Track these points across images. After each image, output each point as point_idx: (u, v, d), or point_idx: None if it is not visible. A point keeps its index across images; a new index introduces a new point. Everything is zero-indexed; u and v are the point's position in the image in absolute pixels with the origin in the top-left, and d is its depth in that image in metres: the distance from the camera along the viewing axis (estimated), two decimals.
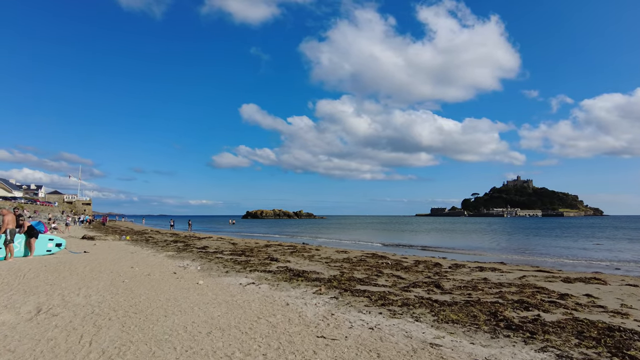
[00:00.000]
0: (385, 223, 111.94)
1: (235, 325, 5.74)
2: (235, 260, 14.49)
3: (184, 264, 13.50)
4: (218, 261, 14.30)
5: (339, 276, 11.03)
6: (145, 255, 16.08)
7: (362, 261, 15.70)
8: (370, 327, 5.93)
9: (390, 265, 14.61)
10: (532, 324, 6.22)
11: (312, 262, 15.13)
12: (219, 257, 15.86)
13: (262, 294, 8.37)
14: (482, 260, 19.10)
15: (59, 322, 5.60)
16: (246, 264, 13.43)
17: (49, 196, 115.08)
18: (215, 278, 10.41)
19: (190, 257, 15.82)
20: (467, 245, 31.51)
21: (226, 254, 17.41)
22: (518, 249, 28.03)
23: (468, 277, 11.98)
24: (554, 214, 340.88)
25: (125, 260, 14.01)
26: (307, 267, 13.18)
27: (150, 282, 9.51)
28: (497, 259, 20.80)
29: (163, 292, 8.19)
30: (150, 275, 10.53)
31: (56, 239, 15.48)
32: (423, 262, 16.14)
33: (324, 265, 13.89)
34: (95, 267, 11.96)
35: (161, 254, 16.72)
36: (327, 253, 19.23)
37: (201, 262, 14.10)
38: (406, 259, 17.85)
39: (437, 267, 14.46)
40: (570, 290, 9.75)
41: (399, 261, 16.16)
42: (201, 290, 8.52)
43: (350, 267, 13.65)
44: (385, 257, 17.60)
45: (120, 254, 16.56)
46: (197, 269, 12.11)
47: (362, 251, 21.70)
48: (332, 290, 8.88)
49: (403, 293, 8.86)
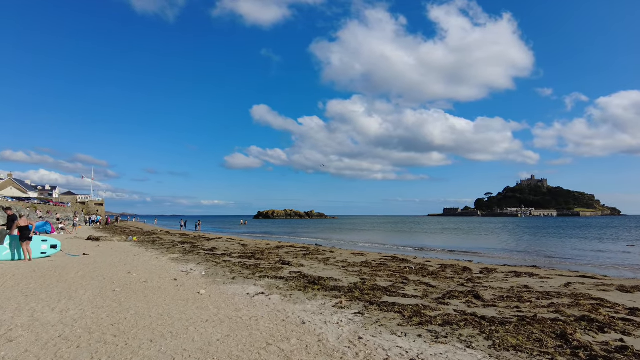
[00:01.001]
0: (398, 223, 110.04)
1: (238, 356, 4.45)
2: (243, 264, 13.24)
3: (187, 268, 12.29)
4: (225, 265, 13.06)
5: (360, 284, 9.68)
6: (148, 258, 14.94)
7: (382, 265, 14.33)
8: (412, 357, 4.58)
9: (415, 270, 13.21)
10: (620, 354, 4.81)
11: (327, 266, 13.81)
12: (227, 260, 14.63)
13: (272, 307, 7.07)
14: (511, 264, 17.56)
15: (9, 352, 4.35)
16: (255, 269, 12.16)
17: (62, 197, 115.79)
18: (220, 286, 9.15)
19: (196, 260, 14.63)
20: (490, 247, 29.86)
21: (235, 256, 16.18)
22: (546, 251, 26.31)
23: (506, 285, 10.54)
24: (570, 214, 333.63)
25: (124, 264, 12.86)
26: (323, 273, 11.86)
27: (145, 291, 8.29)
28: (527, 261, 19.22)
29: (156, 305, 6.95)
30: (147, 283, 9.32)
31: (51, 240, 14.40)
32: (449, 266, 14.71)
33: (342, 271, 12.55)
34: (89, 272, 10.81)
35: (165, 257, 15.57)
36: (343, 256, 17.88)
37: (207, 266, 12.89)
38: (429, 262, 16.43)
39: (467, 272, 13.02)
40: (636, 303, 8.25)
41: (423, 265, 14.74)
42: (201, 303, 7.26)
43: (371, 272, 12.29)
44: (407, 261, 16.20)
45: (121, 256, 15.45)
46: (201, 275, 10.88)
47: (379, 254, 20.31)
48: (354, 303, 7.54)
49: (440, 306, 7.48)
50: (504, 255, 23.40)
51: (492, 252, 25.01)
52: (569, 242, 36.06)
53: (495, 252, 25.48)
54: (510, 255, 23.44)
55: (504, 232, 55.36)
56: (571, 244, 33.03)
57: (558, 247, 29.93)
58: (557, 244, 33.27)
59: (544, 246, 31.22)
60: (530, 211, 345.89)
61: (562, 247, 30.56)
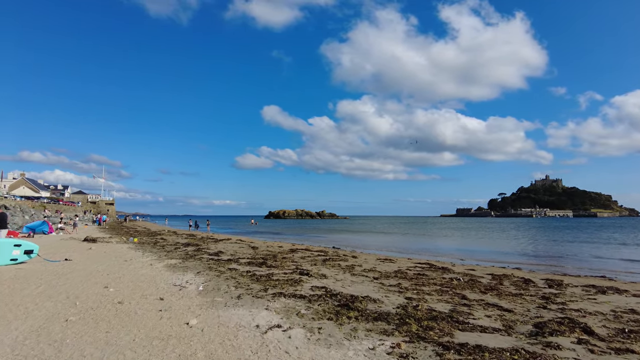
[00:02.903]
0: (412, 224, 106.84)
1: None
2: (253, 275, 10.73)
3: (183, 280, 9.84)
4: (230, 276, 10.59)
5: (410, 309, 7.09)
6: (140, 265, 12.56)
7: (421, 276, 11.74)
8: None
9: (464, 282, 10.60)
10: None
11: (355, 277, 11.25)
12: (233, 268, 12.16)
13: (295, 355, 4.56)
14: (572, 273, 14.82)
15: None
16: (268, 282, 9.65)
17: (73, 196, 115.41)
18: (220, 310, 6.67)
19: (196, 267, 12.20)
20: (525, 251, 27.01)
21: (243, 263, 13.72)
22: (594, 257, 23.37)
23: (601, 307, 7.89)
24: (586, 215, 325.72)
25: (107, 274, 10.47)
26: (353, 288, 9.31)
27: (113, 320, 5.84)
28: (584, 269, 16.46)
29: (116, 352, 4.48)
30: (123, 305, 6.88)
31: (25, 244, 12.07)
32: (502, 276, 12.05)
33: (376, 284, 9.99)
34: (53, 286, 8.42)
35: (161, 263, 13.17)
36: (369, 262, 15.31)
37: (207, 276, 10.43)
38: (473, 270, 13.78)
39: (531, 286, 10.37)
40: None
41: (471, 276, 12.11)
42: (188, 346, 4.78)
43: (413, 286, 9.71)
44: (448, 270, 13.56)
45: (110, 262, 13.10)
46: (198, 290, 8.42)
47: (409, 259, 17.70)
48: (419, 346, 4.97)
49: (548, 351, 4.89)
50: (548, 262, 20.61)
51: (532, 259, 22.21)
52: (608, 247, 32.92)
53: (535, 258, 22.66)
54: (555, 262, 20.63)
55: (527, 234, 52.11)
56: (611, 249, 29.94)
57: (602, 251, 26.92)
58: (595, 248, 30.18)
59: (583, 250, 28.18)
60: (545, 212, 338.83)
61: (604, 250, 27.52)
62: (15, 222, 33.35)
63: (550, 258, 22.19)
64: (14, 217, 36.77)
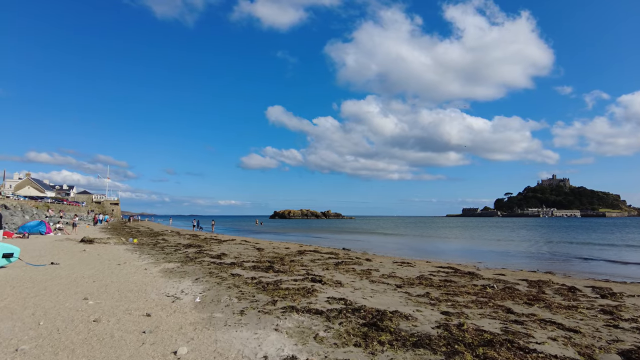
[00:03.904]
0: (419, 224, 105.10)
1: None
2: (258, 283, 9.41)
3: (178, 288, 8.55)
4: (233, 283, 9.28)
5: (454, 328, 5.71)
6: (133, 270, 11.29)
7: (448, 282, 10.37)
8: None
9: (500, 291, 9.22)
10: None
11: (374, 283, 9.90)
12: (237, 274, 10.85)
13: None
14: (613, 279, 13.39)
15: None
16: (276, 291, 8.32)
17: (78, 196, 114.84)
18: (218, 332, 5.35)
19: (195, 273, 10.91)
20: (546, 253, 25.48)
21: (247, 267, 12.42)
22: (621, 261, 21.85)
23: None
24: (594, 215, 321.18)
25: (92, 281, 9.20)
26: (377, 299, 7.95)
27: (77, 350, 4.53)
28: (618, 276, 15.01)
29: None
30: (98, 324, 5.57)
31: (4, 246, 10.81)
32: (542, 283, 10.65)
33: (401, 294, 8.63)
34: (22, 298, 7.14)
35: (157, 268, 11.90)
36: (385, 266, 13.95)
37: (207, 284, 9.13)
38: (503, 275, 12.39)
39: (581, 296, 8.97)
40: None
41: (504, 282, 10.72)
42: None
43: (444, 296, 8.34)
44: (475, 275, 12.16)
45: (100, 266, 11.84)
46: (194, 303, 7.11)
47: (428, 262, 16.30)
48: None
49: None
50: (578, 266, 19.13)
51: (553, 260, 20.72)
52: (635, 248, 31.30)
53: (557, 260, 21.16)
54: (584, 266, 19.15)
55: (539, 233, 50.41)
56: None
57: (629, 253, 25.36)
58: (625, 251, 28.60)
59: (609, 252, 26.64)
60: (552, 211, 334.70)
61: (635, 254, 25.96)
62: (14, 222, 32.30)
63: (576, 260, 20.70)
64: (14, 217, 35.75)
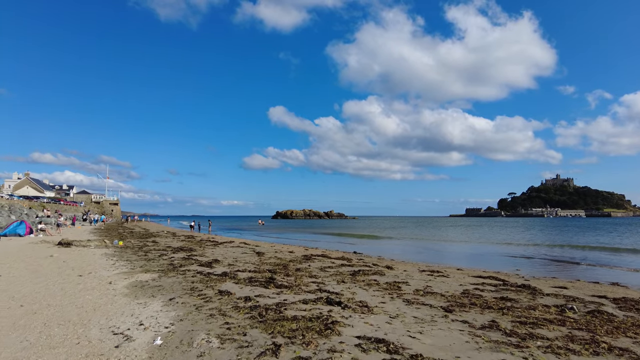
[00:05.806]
0: (424, 224, 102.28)
1: None
2: (253, 307, 6.78)
3: (138, 318, 5.96)
4: (218, 307, 6.67)
5: None
6: (94, 285, 8.71)
7: (506, 301, 7.75)
8: None
9: (586, 316, 6.61)
10: None
11: (412, 305, 7.29)
12: (226, 291, 8.23)
13: None
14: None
15: None
16: (277, 323, 5.69)
17: (77, 196, 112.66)
18: None
19: (173, 288, 8.32)
20: (580, 257, 22.83)
21: (242, 279, 9.80)
22: None
23: None
24: (599, 214, 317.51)
25: (18, 306, 6.63)
26: (428, 336, 5.32)
27: None
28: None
29: None
30: None
31: None
32: (630, 302, 8.03)
33: (458, 325, 5.99)
34: None
35: (127, 280, 9.32)
36: (413, 276, 11.32)
37: (181, 309, 6.54)
38: (565, 289, 9.75)
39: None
40: None
41: (580, 300, 8.11)
42: None
43: (520, 328, 5.71)
44: (531, 289, 9.49)
45: (52, 280, 9.26)
46: (153, 346, 4.51)
47: (459, 270, 13.67)
48: None
49: None
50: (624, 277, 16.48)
51: (595, 267, 18.06)
52: None
53: (603, 266, 18.48)
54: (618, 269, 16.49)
55: (550, 233, 47.69)
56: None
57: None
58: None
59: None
60: (556, 211, 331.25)
61: None
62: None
63: (623, 267, 18.07)
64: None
